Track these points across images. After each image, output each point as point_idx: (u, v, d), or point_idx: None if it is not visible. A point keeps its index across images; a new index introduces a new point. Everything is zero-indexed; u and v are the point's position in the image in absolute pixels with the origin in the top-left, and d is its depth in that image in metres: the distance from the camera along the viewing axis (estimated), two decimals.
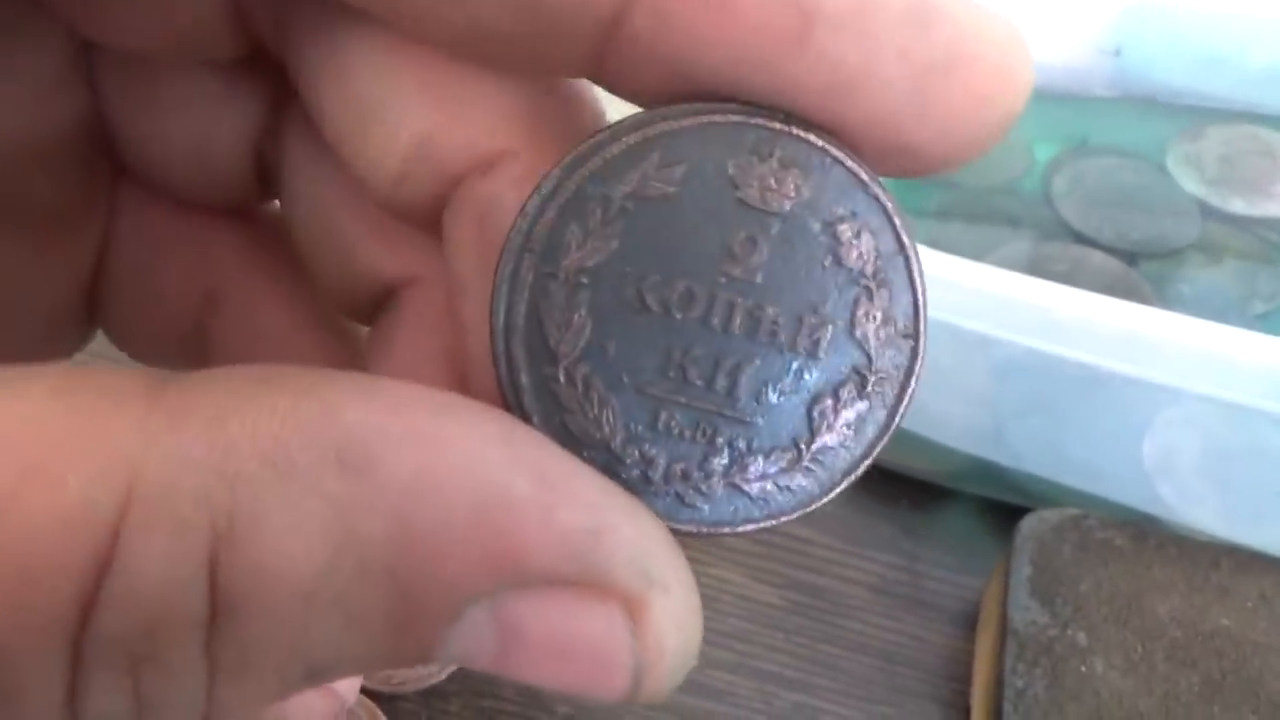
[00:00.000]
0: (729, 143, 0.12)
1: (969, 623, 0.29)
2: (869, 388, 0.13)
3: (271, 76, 0.17)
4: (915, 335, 0.13)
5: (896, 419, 0.13)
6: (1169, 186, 0.38)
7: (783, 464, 0.13)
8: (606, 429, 0.12)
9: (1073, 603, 0.26)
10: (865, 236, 0.12)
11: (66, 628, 0.10)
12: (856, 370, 0.13)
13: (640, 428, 0.12)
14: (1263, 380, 0.27)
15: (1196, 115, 0.40)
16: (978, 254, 0.31)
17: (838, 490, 0.13)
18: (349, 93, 0.14)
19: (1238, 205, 0.37)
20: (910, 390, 0.13)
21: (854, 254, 0.12)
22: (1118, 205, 0.37)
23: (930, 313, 0.13)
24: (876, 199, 0.12)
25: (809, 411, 0.13)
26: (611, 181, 0.12)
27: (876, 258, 0.12)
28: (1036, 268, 0.35)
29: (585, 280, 0.12)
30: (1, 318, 0.18)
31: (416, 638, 0.11)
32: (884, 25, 0.12)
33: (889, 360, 0.13)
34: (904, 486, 0.32)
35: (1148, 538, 0.28)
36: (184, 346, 0.19)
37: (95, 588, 0.10)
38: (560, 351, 0.12)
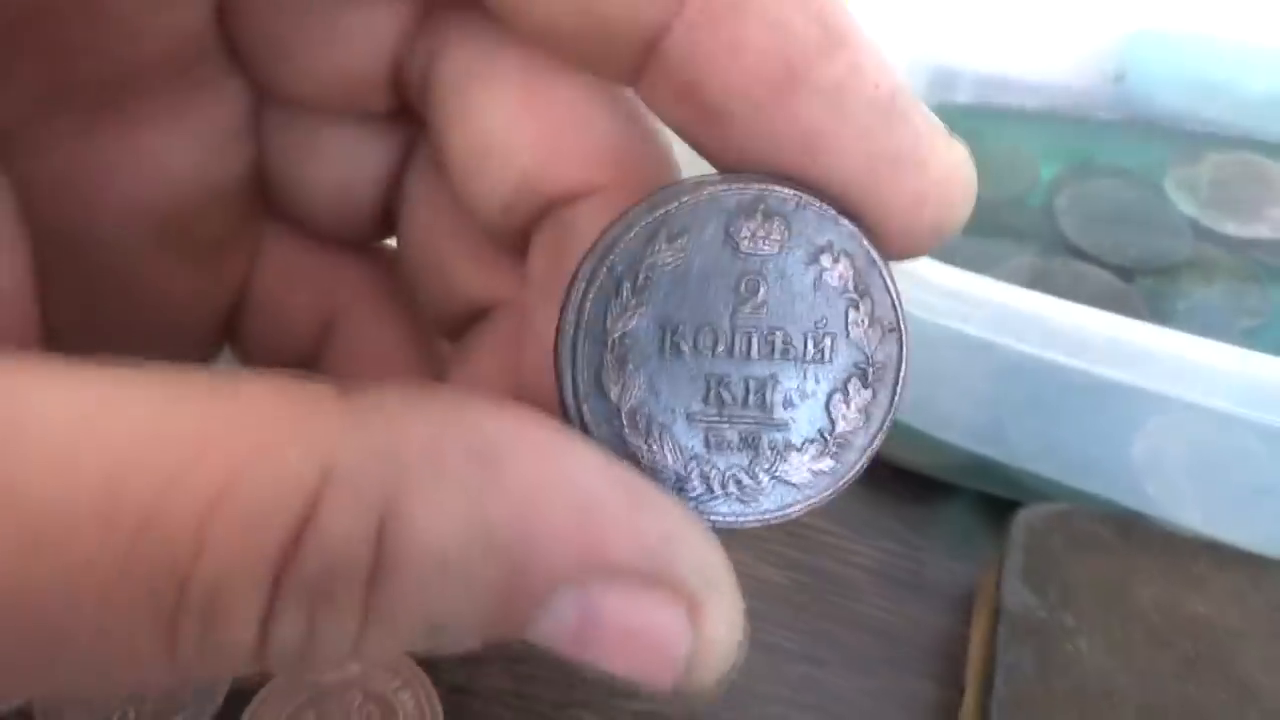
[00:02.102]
0: (720, 209, 0.15)
1: (965, 607, 0.32)
2: (870, 379, 0.15)
3: (406, 126, 0.19)
4: (899, 328, 0.15)
5: (896, 399, 0.15)
6: (1165, 207, 0.40)
7: (814, 453, 0.15)
8: (671, 457, 0.15)
9: (1061, 588, 0.28)
10: (843, 259, 0.15)
11: (273, 565, 0.12)
12: (858, 366, 0.15)
13: (697, 449, 0.15)
14: (1244, 391, 0.29)
15: (1195, 140, 0.42)
16: (985, 265, 0.33)
17: (860, 465, 0.15)
18: (473, 134, 0.17)
19: (1230, 227, 0.39)
20: (903, 374, 0.15)
21: (836, 275, 0.15)
22: (1116, 223, 0.40)
23: (938, 320, 0.16)
24: (846, 228, 0.15)
25: (827, 407, 0.15)
26: (634, 261, 0.15)
27: (855, 274, 0.15)
28: (1039, 282, 0.37)
29: (629, 342, 0.15)
30: (155, 327, 0.20)
31: (515, 612, 0.13)
32: (856, 106, 0.14)
33: (883, 353, 0.15)
34: (908, 481, 0.35)
35: (1133, 531, 0.30)
36: (299, 364, 0.22)
37: (297, 537, 0.12)
38: (621, 404, 0.15)
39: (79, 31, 0.16)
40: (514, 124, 0.16)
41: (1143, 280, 0.37)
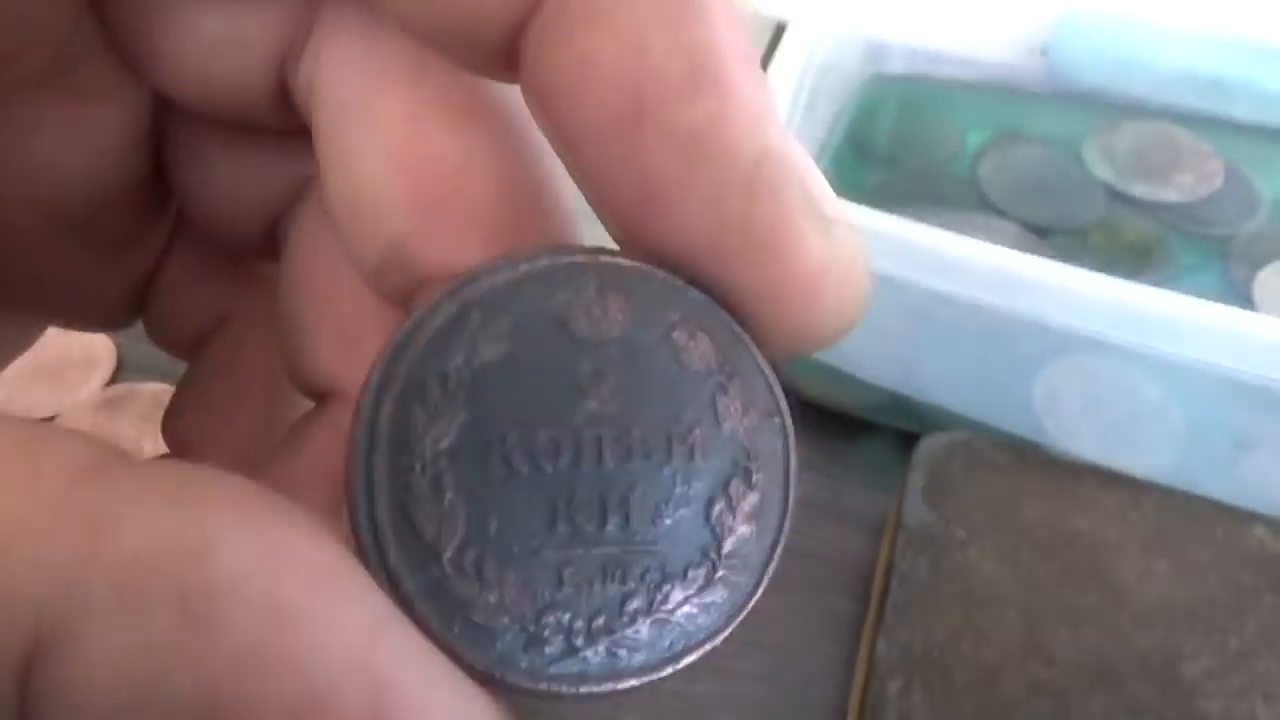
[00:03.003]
0: (546, 286, 0.12)
1: (878, 532, 0.34)
2: (754, 476, 0.12)
3: (305, 146, 0.18)
4: (779, 412, 0.13)
5: (791, 493, 0.13)
6: (1083, 172, 0.43)
7: (700, 580, 0.12)
8: (514, 608, 0.11)
9: (956, 506, 0.31)
10: (700, 335, 0.12)
11: None
12: (737, 463, 0.12)
13: (548, 593, 0.12)
14: (1136, 324, 0.31)
15: (1114, 111, 0.44)
16: None
17: (764, 583, 0.12)
18: (346, 180, 0.15)
19: (1139, 190, 0.42)
20: (792, 466, 0.13)
21: (696, 354, 0.12)
22: (1036, 187, 0.42)
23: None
24: (698, 300, 0.12)
25: (708, 518, 0.12)
26: (441, 356, 0.12)
27: (717, 352, 0.12)
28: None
29: (445, 463, 0.11)
30: (62, 301, 0.20)
31: None
32: (709, 164, 0.12)
33: (764, 443, 0.12)
34: (827, 418, 0.37)
35: (1026, 457, 0.32)
36: (194, 352, 0.22)
37: None
38: (440, 544, 0.11)
39: None
40: (388, 177, 0.14)
41: (1055, 238, 0.40)
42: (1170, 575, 0.29)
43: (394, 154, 0.14)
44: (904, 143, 0.44)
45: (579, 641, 0.12)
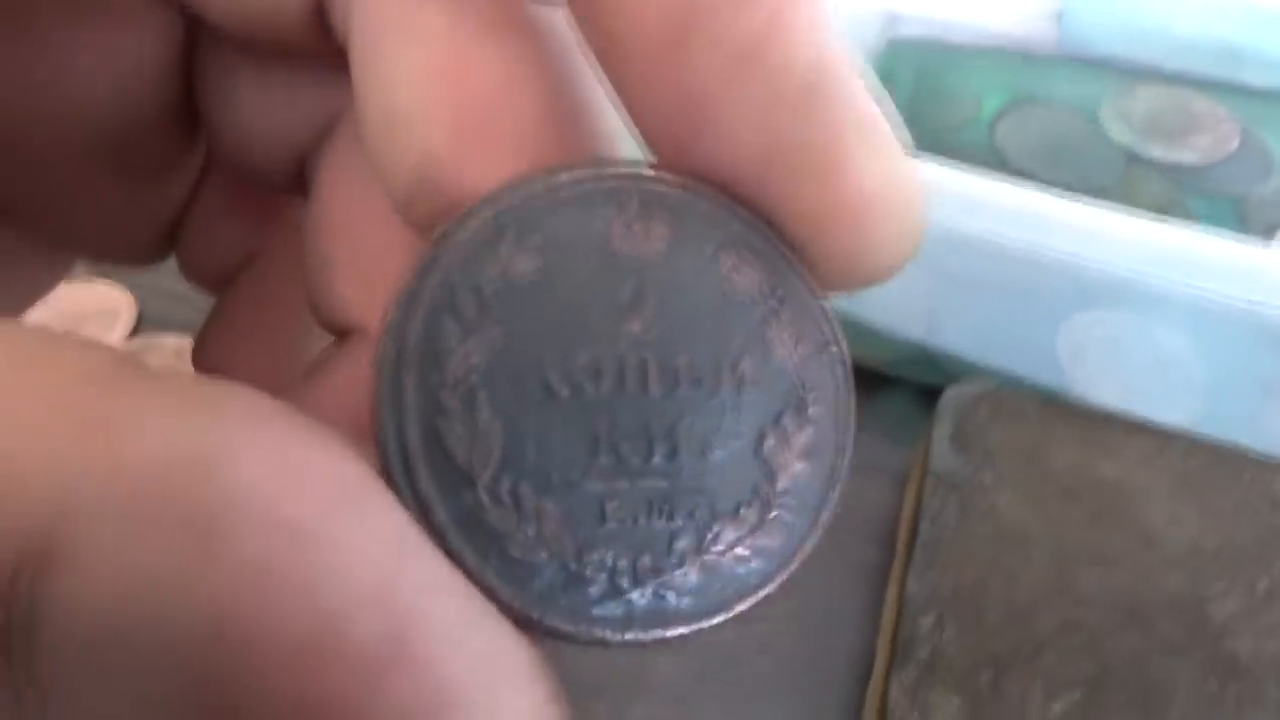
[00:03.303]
0: (588, 200, 0.11)
1: (901, 483, 0.34)
2: (809, 410, 0.11)
3: (337, 78, 0.17)
4: (835, 343, 0.12)
5: (849, 434, 0.12)
6: (1099, 136, 0.43)
7: (753, 520, 0.11)
8: (554, 543, 0.11)
9: (983, 452, 0.31)
10: (750, 260, 0.12)
11: None
12: (789, 396, 0.11)
13: (590, 528, 0.11)
14: (1163, 261, 0.31)
15: (1129, 76, 0.45)
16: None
17: (820, 526, 0.11)
18: (381, 98, 0.14)
19: (1156, 152, 0.42)
20: (850, 397, 0.12)
21: (745, 280, 0.11)
22: (1054, 150, 0.42)
23: None
24: (749, 223, 0.12)
25: (759, 453, 0.11)
26: (475, 269, 0.11)
27: (768, 278, 0.12)
28: None
29: (479, 382, 0.11)
30: (98, 231, 0.20)
31: None
32: (762, 75, 0.11)
33: (817, 376, 0.12)
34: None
35: (1053, 405, 0.32)
36: (223, 288, 0.22)
37: None
38: (474, 470, 0.11)
39: None
40: (425, 94, 0.13)
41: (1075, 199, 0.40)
42: (1198, 520, 0.30)
43: (431, 70, 0.13)
44: (921, 108, 0.44)
45: (624, 582, 0.11)
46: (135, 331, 0.37)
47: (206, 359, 0.21)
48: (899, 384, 0.37)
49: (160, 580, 0.09)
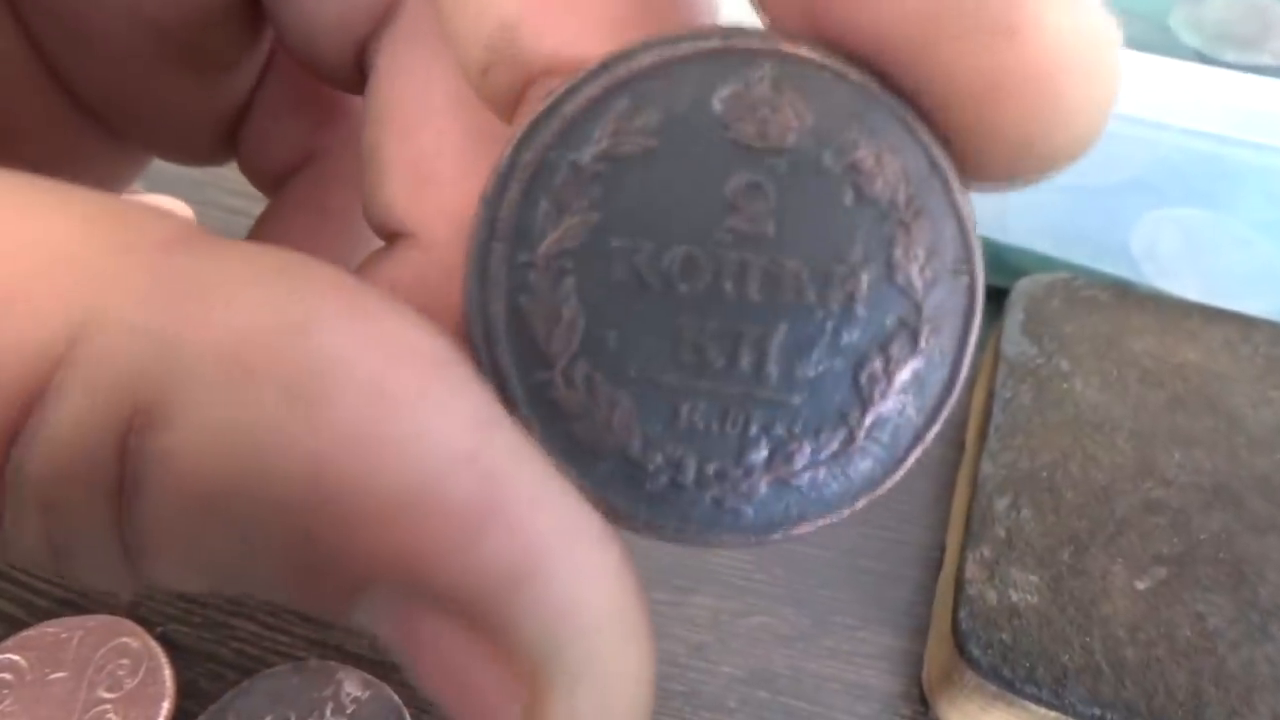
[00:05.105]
0: (708, 74, 0.10)
1: (969, 384, 0.33)
2: (922, 340, 0.11)
3: None
4: (968, 269, 0.11)
5: (962, 371, 0.11)
6: (1170, 42, 0.41)
7: (834, 446, 0.11)
8: (621, 433, 0.10)
9: (1058, 340, 0.30)
10: (889, 160, 0.10)
11: None
12: (904, 321, 0.11)
13: (660, 427, 0.10)
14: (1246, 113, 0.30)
15: None
16: None
17: (904, 467, 0.11)
18: None
19: (1230, 56, 0.40)
20: (972, 336, 0.11)
21: (879, 183, 0.10)
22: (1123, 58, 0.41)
23: None
24: (895, 114, 0.10)
25: (855, 378, 0.11)
26: (577, 143, 0.10)
27: (906, 184, 0.10)
28: None
29: (568, 264, 0.10)
30: (166, 128, 0.21)
31: (317, 589, 0.10)
32: None
33: (941, 303, 0.11)
34: None
35: (1129, 294, 0.31)
36: (281, 187, 0.22)
37: (20, 417, 0.09)
38: (553, 351, 0.10)
39: None
40: None
41: None
42: None
43: None
44: None
45: (686, 481, 0.11)
46: None
47: None
48: None
49: (259, 439, 0.09)
